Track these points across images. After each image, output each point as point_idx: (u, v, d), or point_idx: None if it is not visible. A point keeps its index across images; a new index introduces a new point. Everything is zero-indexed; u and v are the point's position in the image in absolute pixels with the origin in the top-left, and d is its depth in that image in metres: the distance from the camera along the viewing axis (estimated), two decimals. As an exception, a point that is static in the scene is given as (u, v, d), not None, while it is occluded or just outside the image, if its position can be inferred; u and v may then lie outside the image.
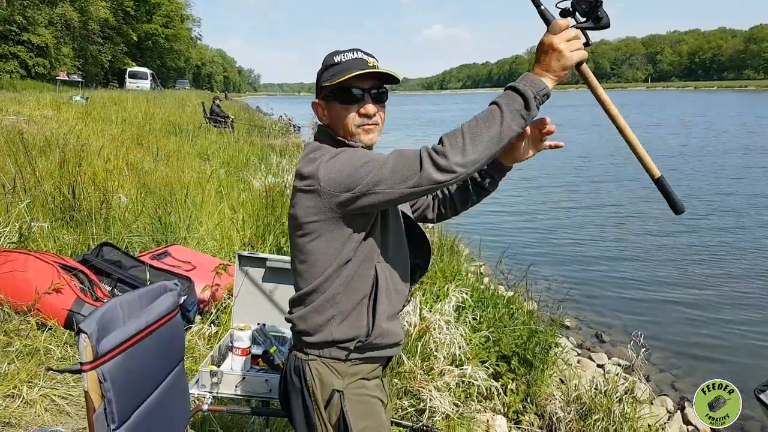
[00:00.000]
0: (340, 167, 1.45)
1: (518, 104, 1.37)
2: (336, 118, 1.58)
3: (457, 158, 1.34)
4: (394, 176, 1.39)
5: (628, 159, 19.13)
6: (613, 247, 9.66)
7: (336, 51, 1.61)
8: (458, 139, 1.36)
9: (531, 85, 1.37)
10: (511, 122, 1.36)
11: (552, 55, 1.38)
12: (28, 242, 4.12)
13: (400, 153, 1.43)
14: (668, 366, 5.60)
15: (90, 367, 1.56)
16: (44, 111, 12.22)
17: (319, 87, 1.61)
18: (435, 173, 1.35)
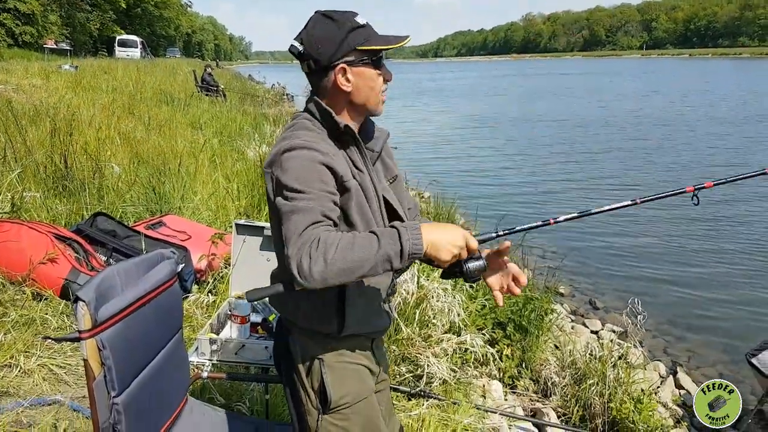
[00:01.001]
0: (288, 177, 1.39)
1: (394, 254, 1.30)
2: (364, 84, 1.51)
3: (314, 273, 1.27)
4: (286, 242, 1.33)
5: (624, 128, 19.08)
6: (607, 216, 9.66)
7: (338, 12, 1.51)
8: (324, 257, 1.27)
9: (414, 242, 1.31)
10: (379, 265, 1.30)
11: (447, 240, 1.35)
12: (21, 212, 4.08)
13: (298, 237, 1.31)
14: (661, 332, 5.67)
15: (89, 335, 1.55)
16: (33, 80, 12.00)
17: (347, 48, 1.47)
18: (295, 271, 1.29)
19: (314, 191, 1.36)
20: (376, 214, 1.57)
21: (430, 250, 1.33)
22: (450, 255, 1.35)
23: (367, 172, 1.56)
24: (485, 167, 13.88)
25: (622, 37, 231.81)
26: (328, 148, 1.46)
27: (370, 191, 1.54)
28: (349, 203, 1.48)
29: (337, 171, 1.42)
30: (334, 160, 1.43)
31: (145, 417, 1.77)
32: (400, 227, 1.32)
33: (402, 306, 3.72)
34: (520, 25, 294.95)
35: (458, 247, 1.36)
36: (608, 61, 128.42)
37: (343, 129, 1.50)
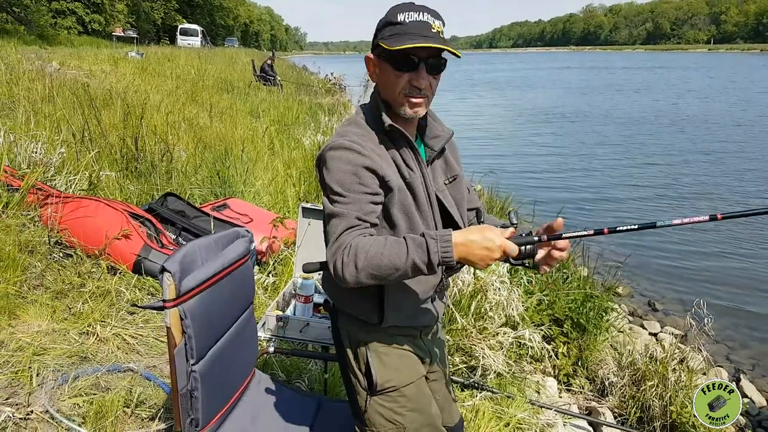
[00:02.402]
0: (330, 178, 1.45)
1: (421, 263, 1.33)
2: (385, 80, 1.51)
3: (347, 276, 1.36)
4: (326, 242, 1.44)
5: (685, 126, 18.17)
6: (672, 212, 9.37)
7: (403, 5, 1.48)
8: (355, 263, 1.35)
9: (443, 252, 1.32)
10: (409, 271, 1.34)
11: (481, 252, 1.33)
12: (97, 190, 4.29)
13: (334, 241, 1.40)
14: (724, 337, 5.47)
15: (173, 305, 1.63)
16: (103, 66, 12.51)
17: (375, 42, 1.50)
18: (332, 271, 1.39)
19: (352, 194, 1.41)
20: (426, 214, 1.56)
21: (462, 260, 1.34)
22: (484, 264, 1.35)
23: (418, 170, 1.55)
24: (542, 162, 13.59)
25: (688, 31, 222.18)
26: (373, 147, 1.47)
27: (419, 190, 1.54)
28: (391, 203, 1.49)
29: (379, 172, 1.44)
30: (375, 160, 1.44)
31: (218, 385, 1.86)
32: (429, 237, 1.33)
33: (458, 296, 3.73)
34: (580, 16, 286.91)
35: (492, 258, 1.34)
36: (673, 55, 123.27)
37: (387, 129, 1.50)
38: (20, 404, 2.24)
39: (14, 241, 3.14)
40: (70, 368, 2.56)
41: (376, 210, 1.45)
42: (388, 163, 1.49)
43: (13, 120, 5.14)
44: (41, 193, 3.66)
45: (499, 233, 1.34)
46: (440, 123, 1.67)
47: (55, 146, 4.49)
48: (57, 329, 2.82)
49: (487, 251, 1.32)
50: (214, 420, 1.87)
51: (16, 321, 2.77)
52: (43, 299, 2.99)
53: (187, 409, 1.73)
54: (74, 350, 2.70)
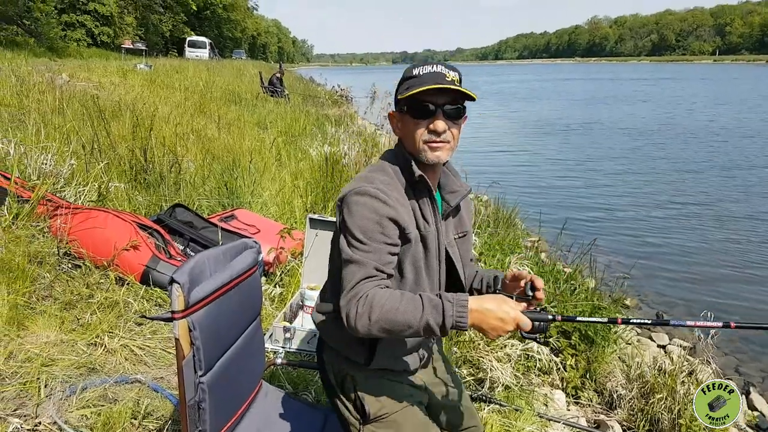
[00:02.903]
0: (353, 223, 1.46)
1: (435, 325, 1.34)
2: (407, 131, 1.54)
3: (359, 327, 1.38)
4: (342, 288, 1.43)
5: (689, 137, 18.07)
6: (677, 225, 9.33)
7: (417, 63, 1.55)
8: (369, 315, 1.36)
9: (458, 317, 1.34)
10: (421, 331, 1.36)
11: (495, 322, 1.35)
12: (106, 201, 4.32)
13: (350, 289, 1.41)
14: (733, 350, 5.42)
15: (181, 316, 1.64)
16: (112, 78, 12.64)
17: (396, 99, 1.57)
18: (344, 319, 1.40)
19: (374, 243, 1.43)
20: (433, 268, 1.59)
21: (475, 327, 1.36)
22: (495, 335, 1.36)
23: (434, 224, 1.58)
24: (548, 173, 13.58)
25: (693, 42, 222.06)
26: (398, 197, 1.50)
27: (432, 244, 1.56)
28: (405, 254, 1.52)
29: (401, 223, 1.47)
30: (399, 211, 1.47)
31: (225, 397, 1.85)
32: (446, 300, 1.34)
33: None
34: (585, 28, 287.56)
35: (505, 330, 1.35)
36: (678, 66, 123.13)
37: (417, 179, 1.53)
38: (28, 415, 2.24)
39: (24, 252, 3.16)
40: (78, 379, 2.57)
41: (393, 261, 1.47)
42: (410, 215, 1.51)
43: (24, 131, 5.19)
44: (51, 204, 3.69)
45: (515, 305, 1.37)
46: (459, 178, 1.71)
47: (64, 158, 4.53)
48: (65, 340, 2.83)
49: (501, 322, 1.34)
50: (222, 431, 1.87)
51: (24, 332, 2.79)
52: (52, 310, 3.00)
53: (194, 421, 1.73)
54: (82, 361, 2.70)
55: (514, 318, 1.34)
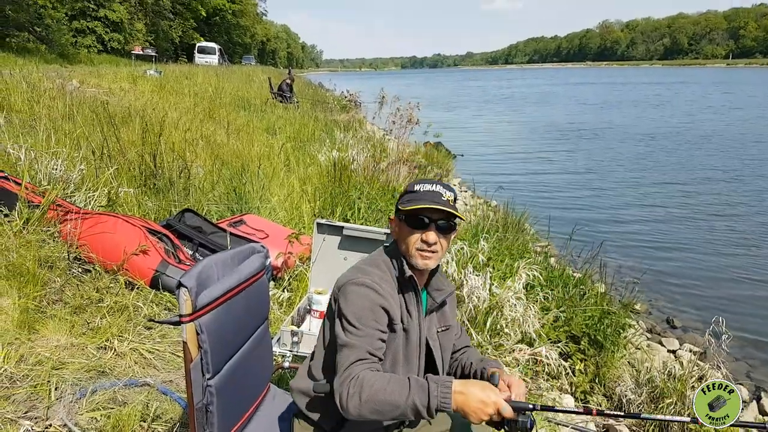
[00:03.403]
0: (348, 310, 1.60)
1: (421, 405, 1.44)
2: (403, 237, 1.72)
3: (351, 408, 1.47)
4: (337, 370, 1.56)
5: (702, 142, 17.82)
6: (688, 230, 9.27)
7: (419, 180, 1.75)
8: (360, 395, 1.46)
9: (442, 398, 1.43)
10: (408, 411, 1.45)
11: (477, 404, 1.43)
12: (116, 206, 4.36)
13: (344, 371, 1.53)
14: (744, 355, 5.37)
15: (189, 319, 1.65)
16: (122, 84, 12.74)
17: (397, 208, 1.75)
18: (338, 400, 1.50)
19: (367, 329, 1.57)
20: (411, 358, 1.73)
21: (458, 410, 1.45)
22: (478, 420, 1.44)
23: (417, 319, 1.73)
24: (558, 179, 13.54)
25: (706, 46, 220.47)
26: (390, 291, 1.67)
27: (413, 336, 1.72)
28: (388, 343, 1.66)
29: (390, 313, 1.63)
30: (390, 302, 1.64)
31: (233, 400, 1.86)
32: (431, 381, 1.45)
33: (473, 312, 3.72)
34: (596, 32, 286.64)
35: (485, 412, 1.43)
36: (691, 70, 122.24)
37: (407, 278, 1.70)
38: (39, 418, 2.27)
39: (34, 257, 3.20)
40: (88, 382, 2.59)
41: (383, 347, 1.62)
42: (398, 308, 1.68)
43: (34, 137, 5.25)
44: (61, 209, 3.73)
45: (498, 392, 1.47)
46: (445, 279, 1.87)
47: (74, 163, 4.57)
48: (75, 344, 2.86)
49: (482, 404, 1.43)
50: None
51: (35, 335, 2.82)
52: (62, 314, 3.03)
53: (202, 424, 1.74)
54: (92, 365, 2.73)
55: (495, 402, 1.43)
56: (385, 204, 6.03)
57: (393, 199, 6.31)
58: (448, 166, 11.66)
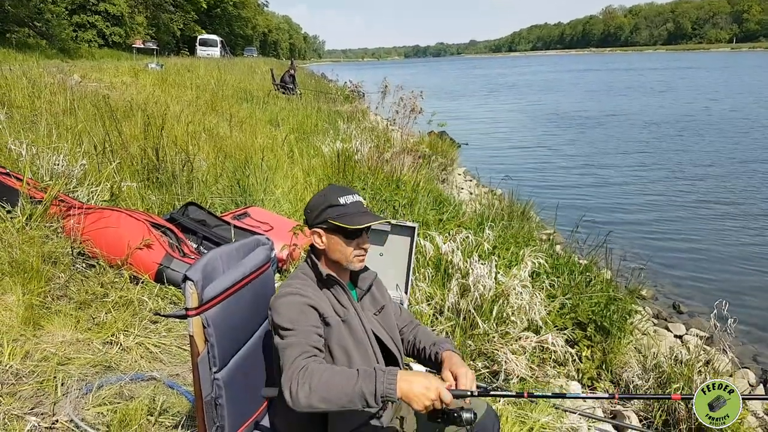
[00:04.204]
0: (280, 318, 1.69)
1: (368, 393, 1.50)
2: (335, 248, 1.83)
3: (301, 398, 1.52)
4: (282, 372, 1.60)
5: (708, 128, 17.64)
6: (694, 216, 9.22)
7: (334, 190, 1.86)
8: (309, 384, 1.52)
9: (388, 385, 1.51)
10: (356, 399, 1.51)
11: (420, 389, 1.51)
12: (119, 201, 4.35)
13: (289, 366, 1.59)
14: (751, 339, 5.36)
15: (195, 313, 1.64)
16: (123, 78, 12.70)
17: (321, 219, 1.82)
18: (287, 393, 1.55)
19: (301, 327, 1.67)
20: (363, 343, 1.82)
21: (403, 397, 1.52)
22: (422, 405, 1.51)
23: (351, 308, 1.84)
24: (563, 167, 13.46)
25: (709, 30, 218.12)
26: (313, 292, 1.79)
27: (355, 324, 1.82)
28: (330, 336, 1.76)
29: (319, 309, 1.74)
30: (316, 300, 1.75)
31: (243, 394, 1.85)
32: (378, 370, 1.53)
33: (479, 300, 3.70)
34: (600, 18, 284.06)
35: (429, 399, 1.51)
36: (695, 55, 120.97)
37: (325, 278, 1.83)
38: (45, 413, 2.27)
39: (38, 253, 3.19)
40: (94, 377, 2.59)
41: (321, 340, 1.71)
42: (326, 303, 1.79)
43: (36, 133, 5.23)
44: (63, 204, 3.72)
45: (440, 382, 1.57)
46: (366, 268, 1.97)
47: (76, 158, 4.56)
48: (81, 339, 2.86)
49: (425, 390, 1.51)
50: (241, 428, 1.87)
51: (40, 331, 2.82)
52: (67, 309, 3.03)
53: (212, 417, 1.74)
54: (98, 360, 2.73)
55: (437, 388, 1.52)
56: (389, 194, 6.00)
57: (398, 189, 6.29)
58: (452, 155, 11.59)
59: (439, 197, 6.73)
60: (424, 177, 7.18)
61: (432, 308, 3.90)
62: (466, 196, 9.14)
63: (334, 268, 1.87)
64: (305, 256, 1.93)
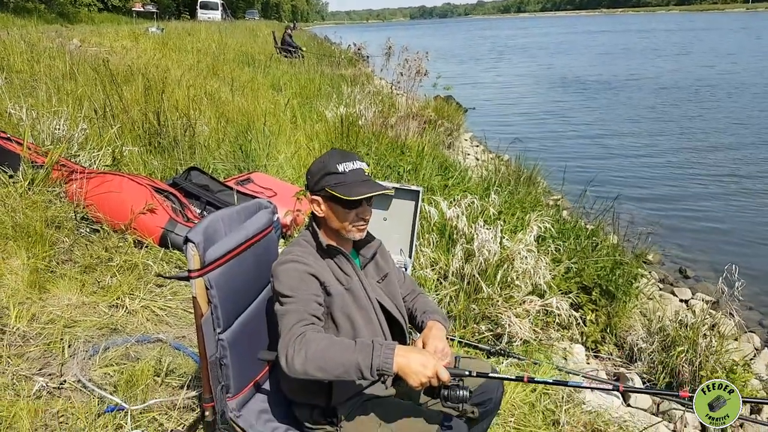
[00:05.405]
0: (281, 285, 1.69)
1: (364, 365, 1.50)
2: (335, 216, 1.78)
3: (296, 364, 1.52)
4: (280, 338, 1.60)
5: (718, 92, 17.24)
6: (702, 180, 9.14)
7: (333, 153, 1.80)
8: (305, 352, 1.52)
9: (384, 359, 1.50)
10: (352, 371, 1.51)
11: (418, 367, 1.51)
12: (121, 166, 4.32)
13: (287, 332, 1.58)
14: (757, 303, 5.36)
15: (198, 274, 1.63)
16: (123, 42, 12.53)
17: (320, 186, 1.76)
18: (283, 359, 1.55)
19: (300, 294, 1.66)
20: (367, 311, 1.79)
21: (399, 372, 1.52)
22: (417, 382, 1.52)
23: (355, 276, 1.81)
24: (573, 132, 13.27)
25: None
26: (314, 260, 1.76)
27: (359, 292, 1.79)
28: (333, 305, 1.74)
29: (320, 278, 1.72)
30: (316, 269, 1.72)
31: (248, 355, 1.86)
32: (376, 343, 1.53)
33: (483, 265, 3.69)
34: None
35: (426, 376, 1.52)
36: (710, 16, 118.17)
37: (325, 248, 1.79)
38: (53, 374, 2.29)
39: (41, 217, 3.18)
40: (100, 339, 2.61)
41: (320, 309, 1.69)
42: (328, 272, 1.76)
43: (35, 97, 5.18)
44: (65, 169, 3.69)
45: (438, 360, 1.57)
46: (370, 236, 1.95)
47: (77, 122, 4.51)
48: (87, 302, 2.87)
49: (422, 368, 1.51)
50: (246, 388, 1.89)
51: (46, 294, 2.83)
52: (72, 273, 3.04)
53: (217, 376, 1.75)
54: (104, 322, 2.74)
55: (434, 365, 1.53)
56: (394, 160, 5.95)
57: (403, 155, 6.23)
58: (459, 120, 11.45)
59: (445, 163, 6.67)
60: (429, 142, 7.11)
61: (436, 273, 3.90)
62: (473, 162, 9.07)
63: (335, 236, 1.83)
64: (307, 223, 1.90)
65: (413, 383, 1.51)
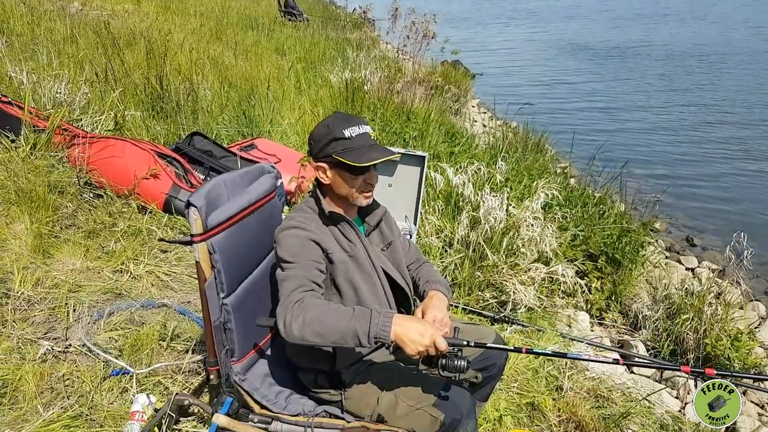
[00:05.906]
0: (282, 251, 1.68)
1: (361, 332, 1.50)
2: (342, 182, 1.75)
3: (294, 329, 1.52)
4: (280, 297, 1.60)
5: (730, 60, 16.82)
6: (711, 149, 9.01)
7: (338, 117, 1.74)
8: (304, 317, 1.51)
9: (382, 327, 1.50)
10: (349, 337, 1.51)
11: (415, 335, 1.50)
12: (123, 130, 4.28)
13: (286, 298, 1.58)
14: (763, 272, 5.33)
15: (200, 239, 1.62)
16: (125, 5, 12.31)
17: (326, 153, 1.73)
18: (281, 324, 1.54)
19: (301, 260, 1.65)
20: (371, 277, 1.79)
21: (397, 340, 1.51)
22: (414, 351, 1.51)
23: (359, 242, 1.80)
24: (582, 99, 13.03)
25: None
26: (317, 227, 1.74)
27: (363, 258, 1.78)
28: (336, 273, 1.73)
29: (321, 244, 1.71)
30: (319, 235, 1.71)
31: (252, 320, 1.85)
32: (374, 311, 1.53)
33: (489, 233, 3.67)
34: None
35: (423, 345, 1.50)
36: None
37: (327, 215, 1.77)
38: (58, 338, 2.30)
39: (44, 182, 3.16)
40: (105, 304, 2.61)
41: (321, 275, 1.68)
42: (330, 239, 1.74)
43: (36, 61, 5.10)
44: (67, 133, 3.65)
45: (437, 329, 1.55)
46: (375, 203, 1.92)
47: (78, 86, 4.45)
48: (91, 267, 2.87)
49: (419, 336, 1.50)
50: (251, 353, 1.89)
51: (50, 259, 2.83)
52: (76, 238, 3.03)
53: (222, 340, 1.75)
54: (108, 287, 2.74)
55: (432, 335, 1.51)
56: (400, 126, 5.87)
57: (409, 121, 6.14)
58: (466, 86, 11.27)
59: (452, 129, 6.59)
60: (435, 108, 7.00)
61: (441, 241, 3.88)
62: (480, 129, 8.95)
63: (340, 203, 1.81)
64: (312, 189, 1.87)
65: (410, 352, 1.51)
